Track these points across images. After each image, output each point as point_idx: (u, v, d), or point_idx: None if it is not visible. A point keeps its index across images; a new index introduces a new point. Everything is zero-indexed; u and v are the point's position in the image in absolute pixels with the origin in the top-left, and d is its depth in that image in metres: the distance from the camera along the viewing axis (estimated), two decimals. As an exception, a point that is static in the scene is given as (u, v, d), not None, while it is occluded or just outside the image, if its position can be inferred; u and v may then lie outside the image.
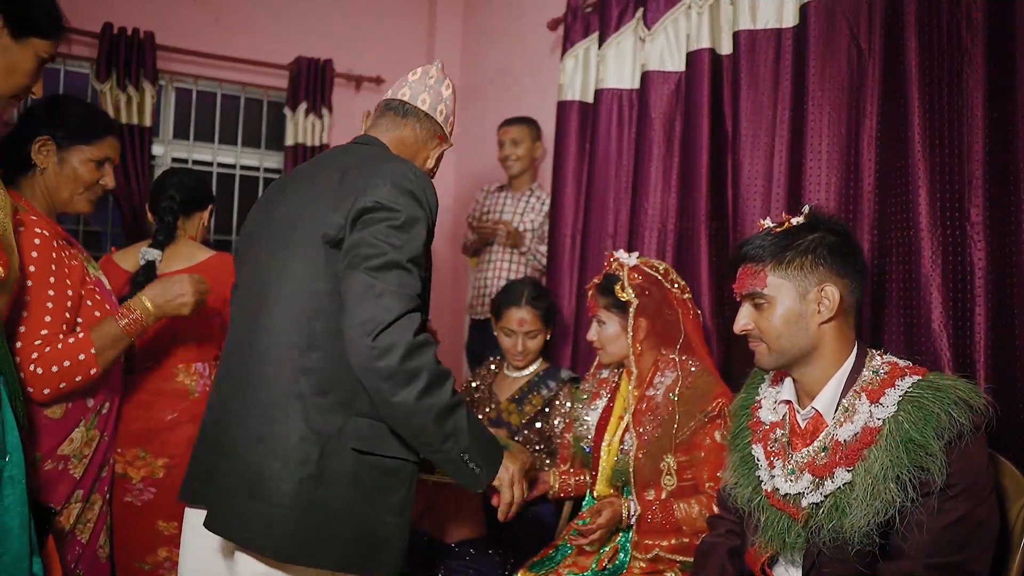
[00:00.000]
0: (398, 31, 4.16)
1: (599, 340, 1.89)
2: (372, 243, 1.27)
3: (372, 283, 1.24)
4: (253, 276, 1.43)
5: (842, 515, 1.21)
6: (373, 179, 1.33)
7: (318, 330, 1.30)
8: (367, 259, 1.25)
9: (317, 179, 1.42)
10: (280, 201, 1.47)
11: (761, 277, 1.35)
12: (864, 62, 1.84)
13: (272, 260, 1.39)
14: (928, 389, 1.21)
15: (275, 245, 1.40)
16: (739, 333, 1.40)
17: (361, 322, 1.22)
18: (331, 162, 1.46)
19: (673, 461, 1.74)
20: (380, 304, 1.23)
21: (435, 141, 1.58)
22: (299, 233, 1.36)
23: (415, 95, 1.58)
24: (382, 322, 1.22)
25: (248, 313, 1.40)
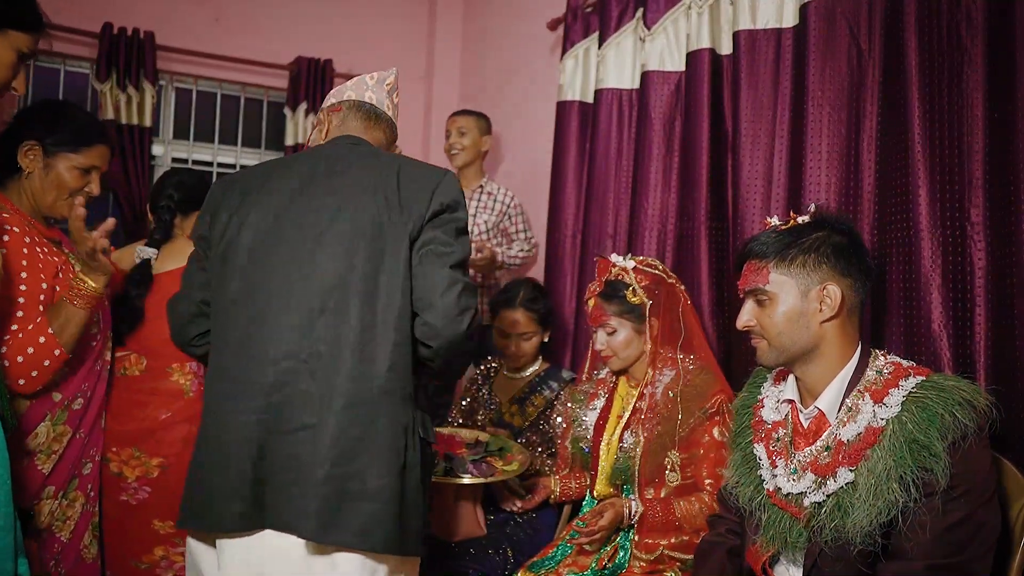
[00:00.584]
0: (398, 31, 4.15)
1: (609, 348, 1.87)
2: (446, 241, 1.39)
3: (457, 279, 1.37)
4: (299, 280, 1.38)
5: (844, 515, 1.21)
6: (436, 176, 1.44)
7: (405, 327, 1.37)
8: (446, 256, 1.38)
9: (365, 179, 1.42)
10: (308, 203, 1.42)
11: (764, 274, 1.35)
12: (864, 62, 1.84)
13: (343, 261, 1.36)
14: (932, 390, 1.21)
15: (337, 247, 1.37)
16: (741, 329, 1.40)
17: (459, 311, 1.36)
18: (362, 161, 1.47)
19: (677, 457, 1.74)
20: (467, 299, 1.38)
21: (393, 149, 1.65)
22: (379, 233, 1.37)
23: (380, 100, 1.65)
24: (471, 316, 1.39)
25: (315, 320, 1.36)
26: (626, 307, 1.85)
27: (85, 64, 3.47)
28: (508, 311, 2.33)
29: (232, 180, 1.53)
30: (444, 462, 2.03)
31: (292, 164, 1.52)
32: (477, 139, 3.25)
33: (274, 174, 1.50)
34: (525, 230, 3.31)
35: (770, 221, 1.46)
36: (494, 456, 2.09)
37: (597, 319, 1.89)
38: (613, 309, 1.86)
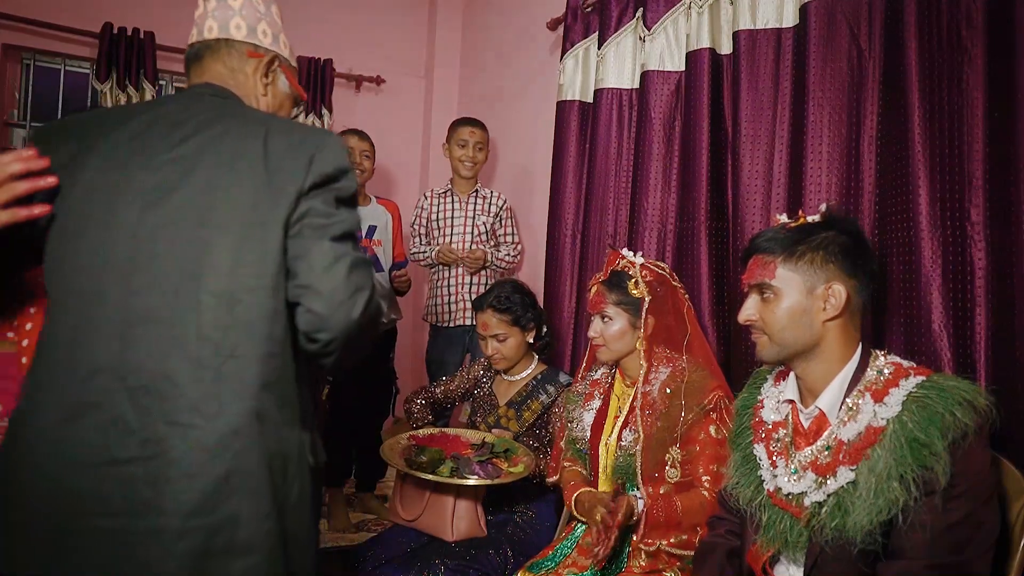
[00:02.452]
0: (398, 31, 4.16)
1: (602, 337, 1.88)
2: (325, 212, 1.13)
3: (344, 253, 1.12)
4: (136, 279, 1.09)
5: (845, 514, 1.22)
6: (314, 140, 1.16)
7: (277, 334, 1.11)
8: (326, 228, 1.12)
9: (221, 145, 1.15)
10: (135, 174, 1.13)
11: (771, 268, 1.35)
12: (864, 62, 1.84)
13: (182, 253, 1.09)
14: (932, 389, 1.21)
15: (177, 229, 1.10)
16: (743, 323, 1.40)
17: (349, 292, 1.11)
18: (218, 122, 1.17)
19: (677, 453, 1.75)
20: (358, 277, 1.13)
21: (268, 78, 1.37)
22: (237, 216, 1.10)
23: (252, 26, 1.34)
24: (365, 298, 1.13)
25: (135, 327, 1.08)
26: (625, 298, 1.86)
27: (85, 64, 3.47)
28: (479, 313, 2.36)
29: (64, 127, 1.22)
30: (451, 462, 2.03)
31: (127, 120, 1.20)
32: (487, 152, 3.32)
33: (108, 129, 1.19)
34: (513, 234, 3.33)
35: (779, 218, 1.46)
36: (500, 458, 2.09)
37: (596, 305, 1.90)
38: (612, 298, 1.87)
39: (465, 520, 2.07)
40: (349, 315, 1.10)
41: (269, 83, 1.34)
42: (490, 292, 2.40)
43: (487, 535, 2.09)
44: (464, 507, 2.07)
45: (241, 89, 1.31)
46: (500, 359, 2.34)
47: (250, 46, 1.32)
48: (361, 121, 3.94)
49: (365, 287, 1.13)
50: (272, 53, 1.34)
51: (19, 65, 3.45)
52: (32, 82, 3.47)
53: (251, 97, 1.32)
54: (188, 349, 1.07)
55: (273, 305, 1.11)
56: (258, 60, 1.32)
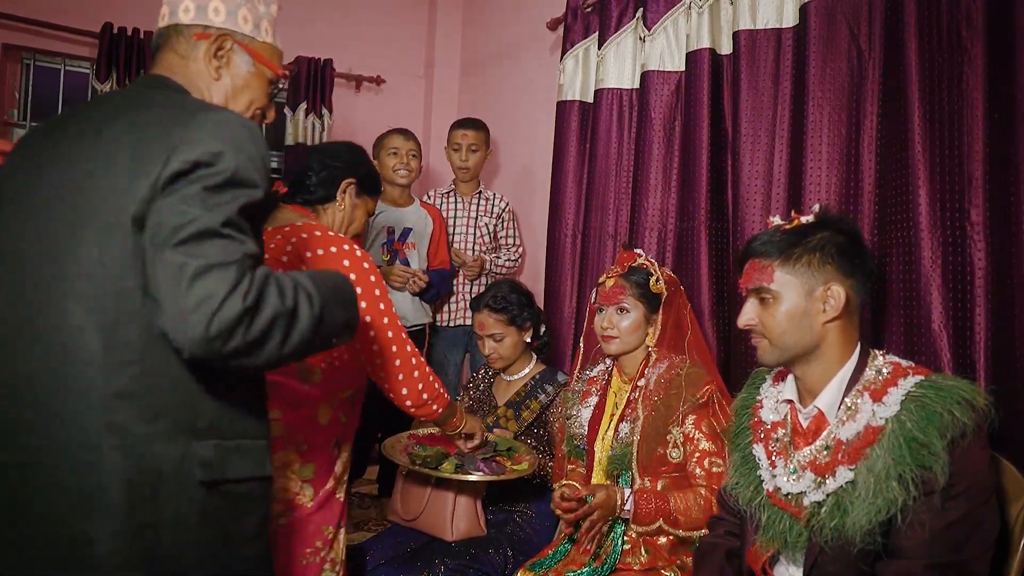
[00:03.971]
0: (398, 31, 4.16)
1: (616, 328, 1.88)
2: (174, 211, 0.99)
3: (185, 261, 0.96)
4: (10, 285, 1.06)
5: (844, 514, 1.22)
6: (188, 132, 1.04)
7: (132, 340, 1.01)
8: (174, 232, 0.98)
9: (99, 138, 1.08)
10: (39, 170, 1.10)
11: (768, 272, 1.35)
12: (864, 62, 1.84)
13: (43, 253, 1.05)
14: (931, 389, 1.21)
15: (44, 232, 1.05)
16: (742, 328, 1.40)
17: (192, 306, 0.95)
18: (114, 113, 1.11)
19: (679, 433, 1.76)
20: (202, 286, 0.96)
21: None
22: (87, 213, 1.03)
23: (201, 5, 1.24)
24: (211, 309, 0.95)
25: (7, 328, 1.05)
26: (645, 292, 1.88)
27: (85, 64, 3.47)
28: (476, 313, 2.38)
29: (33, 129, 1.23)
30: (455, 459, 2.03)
31: (60, 120, 1.18)
32: (484, 153, 3.29)
33: (39, 131, 1.19)
34: (515, 237, 3.31)
35: (773, 221, 1.45)
36: (503, 456, 2.10)
37: (613, 296, 1.90)
38: (633, 290, 1.88)
39: (465, 520, 2.07)
40: (194, 331, 0.95)
41: (222, 65, 1.23)
42: (487, 292, 2.41)
43: (487, 535, 2.09)
44: (464, 507, 2.07)
45: (189, 77, 1.21)
46: (497, 359, 2.34)
47: (198, 28, 1.21)
48: (361, 121, 3.93)
49: (213, 296, 0.95)
50: (220, 31, 1.22)
51: (19, 65, 3.45)
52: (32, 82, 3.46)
53: (201, 84, 1.22)
54: (47, 358, 1.02)
55: (125, 309, 1.01)
56: (206, 41, 1.21)
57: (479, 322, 2.35)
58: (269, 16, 1.31)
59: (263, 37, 1.29)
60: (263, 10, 1.30)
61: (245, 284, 0.99)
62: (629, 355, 1.92)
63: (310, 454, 1.63)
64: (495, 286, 2.44)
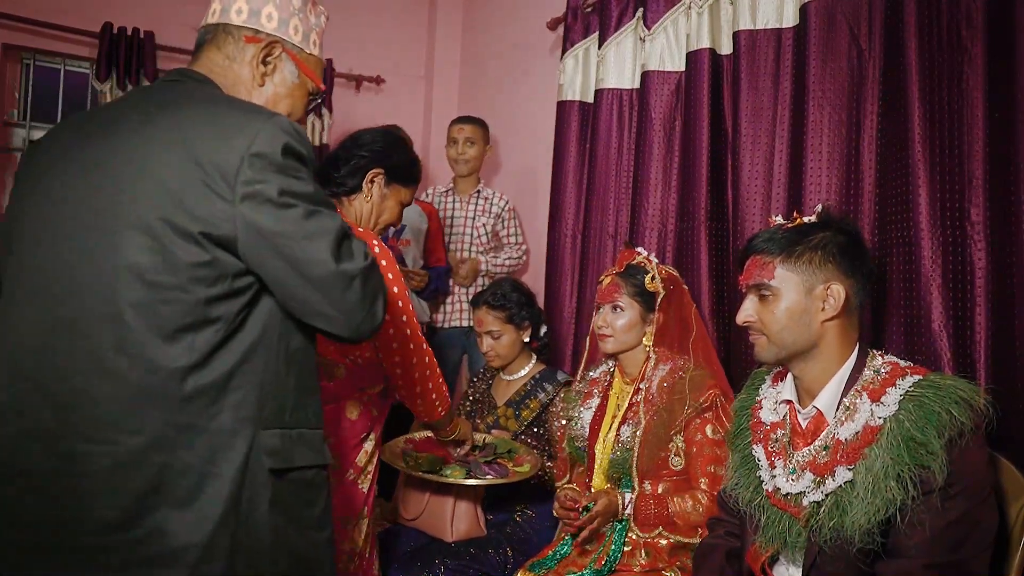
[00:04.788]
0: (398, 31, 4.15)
1: (611, 327, 1.89)
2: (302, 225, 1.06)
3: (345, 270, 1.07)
4: (56, 286, 1.05)
5: (843, 514, 1.22)
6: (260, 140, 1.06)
7: (204, 344, 1.04)
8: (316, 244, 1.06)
9: (153, 136, 1.07)
10: (90, 165, 1.08)
11: (769, 269, 1.35)
12: (864, 62, 1.84)
13: (98, 255, 1.04)
14: (929, 388, 1.21)
15: (101, 244, 1.04)
16: (741, 324, 1.40)
17: (364, 312, 1.10)
18: (165, 110, 1.10)
19: (681, 441, 1.75)
20: (370, 287, 1.11)
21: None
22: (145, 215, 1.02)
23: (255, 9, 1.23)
24: (382, 302, 1.14)
25: (58, 335, 1.04)
26: (641, 291, 1.88)
27: (85, 64, 3.47)
28: (475, 310, 2.40)
29: (52, 130, 1.21)
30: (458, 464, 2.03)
31: (85, 120, 1.17)
32: (482, 149, 3.27)
33: (65, 129, 1.17)
34: (516, 235, 3.30)
35: (774, 219, 1.46)
36: (504, 458, 2.10)
37: (608, 295, 1.90)
38: (628, 289, 1.89)
39: (465, 521, 2.07)
40: (371, 324, 1.12)
41: (268, 72, 1.22)
42: (487, 289, 2.42)
43: (487, 535, 2.09)
44: (464, 508, 2.07)
45: (231, 79, 1.20)
46: (494, 356, 2.34)
47: (249, 31, 1.20)
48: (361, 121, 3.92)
49: (378, 291, 1.13)
50: (271, 38, 1.21)
51: (19, 65, 3.45)
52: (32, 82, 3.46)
53: (242, 88, 1.21)
54: (105, 363, 1.01)
55: (189, 315, 1.03)
56: (256, 45, 1.20)
57: (477, 318, 2.36)
58: (318, 28, 1.31)
59: (311, 49, 1.29)
60: (313, 22, 1.30)
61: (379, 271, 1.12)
62: (629, 355, 1.91)
63: (336, 447, 1.65)
64: (496, 283, 2.44)
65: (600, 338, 1.92)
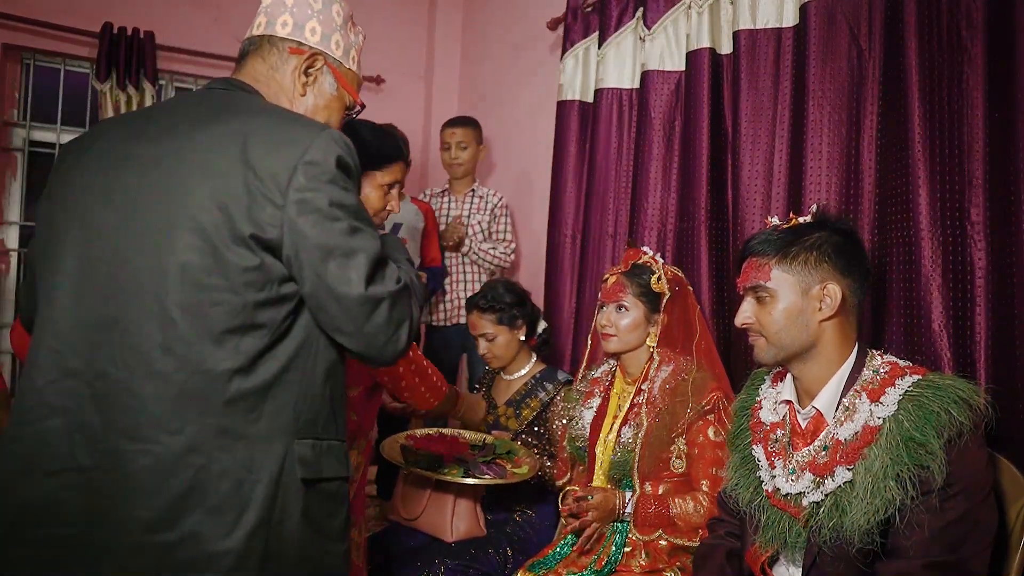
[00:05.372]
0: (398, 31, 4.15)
1: (615, 326, 1.88)
2: (343, 241, 1.09)
3: (376, 294, 1.10)
4: (106, 284, 1.07)
5: (842, 514, 1.22)
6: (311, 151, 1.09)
7: (249, 349, 1.06)
8: (351, 266, 1.09)
9: (197, 142, 1.09)
10: (134, 171, 1.10)
11: (765, 270, 1.36)
12: (864, 62, 1.84)
13: (145, 258, 1.06)
14: (928, 388, 1.21)
15: (145, 235, 1.06)
16: (739, 326, 1.41)
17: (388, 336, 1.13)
18: (212, 117, 1.13)
19: (683, 444, 1.75)
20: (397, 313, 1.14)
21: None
22: (185, 220, 1.04)
23: (300, 23, 1.28)
24: (408, 329, 1.16)
25: (104, 333, 1.06)
26: (646, 291, 1.87)
27: (85, 64, 3.47)
28: (468, 314, 2.41)
29: (90, 131, 1.24)
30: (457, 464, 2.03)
31: (131, 120, 1.21)
32: (475, 150, 3.29)
33: (109, 129, 1.20)
34: (506, 232, 3.29)
35: (771, 220, 1.46)
36: (503, 459, 2.10)
37: (613, 294, 1.90)
38: (633, 288, 1.88)
39: (465, 521, 2.07)
40: (395, 348, 1.14)
41: (309, 82, 1.26)
42: (479, 292, 2.41)
43: (487, 535, 2.09)
44: (464, 507, 2.07)
45: (273, 88, 1.25)
46: (492, 358, 2.35)
47: (293, 43, 1.25)
48: (361, 121, 3.92)
49: (404, 319, 1.15)
50: (314, 51, 1.26)
51: (19, 65, 3.45)
52: (32, 82, 3.46)
53: (284, 97, 1.25)
54: (151, 362, 1.03)
55: (233, 320, 1.04)
56: (299, 57, 1.25)
57: (471, 322, 2.36)
58: (357, 45, 1.37)
59: (350, 64, 1.34)
60: (353, 39, 1.35)
61: (411, 299, 1.15)
62: (631, 355, 1.91)
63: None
64: (488, 285, 2.44)
65: (603, 337, 1.92)
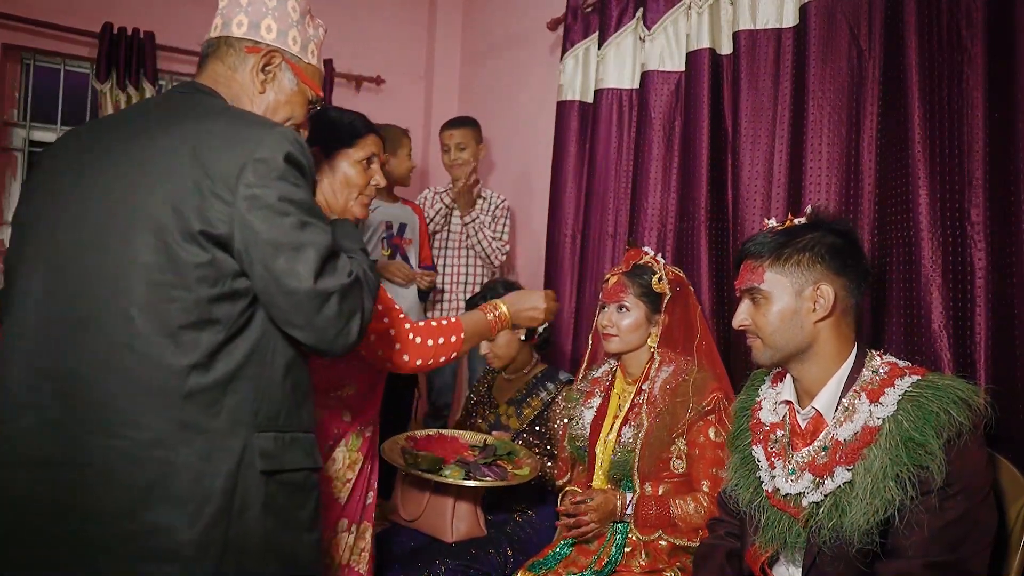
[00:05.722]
0: (398, 31, 4.15)
1: (615, 327, 1.88)
2: (292, 236, 1.10)
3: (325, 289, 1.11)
4: (71, 284, 1.11)
5: (842, 514, 1.22)
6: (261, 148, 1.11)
7: (206, 344, 1.09)
8: (298, 261, 1.11)
9: (155, 145, 1.13)
10: (93, 174, 1.15)
11: (759, 273, 1.36)
12: (864, 62, 1.84)
13: (103, 258, 1.10)
14: (927, 388, 1.21)
15: (102, 236, 1.11)
16: (737, 328, 1.41)
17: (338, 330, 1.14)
18: (168, 120, 1.17)
19: (684, 445, 1.75)
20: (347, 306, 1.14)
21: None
22: (145, 221, 1.08)
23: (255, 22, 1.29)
24: (359, 322, 1.17)
25: (71, 332, 1.10)
26: (647, 291, 1.87)
27: (85, 64, 3.47)
28: None
29: (62, 138, 1.27)
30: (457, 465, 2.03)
31: (100, 125, 1.26)
32: (475, 150, 3.26)
33: (81, 134, 1.24)
34: (503, 233, 3.28)
35: (767, 222, 1.47)
36: (503, 460, 2.10)
37: (614, 294, 1.89)
38: (634, 289, 1.88)
39: (465, 521, 2.07)
40: (346, 341, 1.15)
41: (268, 79, 1.28)
42: (479, 292, 2.41)
43: (487, 535, 2.09)
44: (464, 508, 2.07)
45: (233, 88, 1.27)
46: (493, 358, 2.34)
47: (249, 42, 1.27)
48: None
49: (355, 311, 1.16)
50: (270, 48, 1.28)
51: (19, 65, 3.45)
52: (32, 82, 3.46)
53: (244, 96, 1.28)
54: (115, 360, 1.07)
55: (190, 315, 1.08)
56: (256, 55, 1.27)
57: None
58: (316, 39, 1.37)
59: (309, 59, 1.35)
60: (311, 33, 1.36)
61: (364, 291, 1.17)
62: (632, 355, 1.91)
63: None
64: (488, 286, 2.44)
65: (604, 338, 1.92)
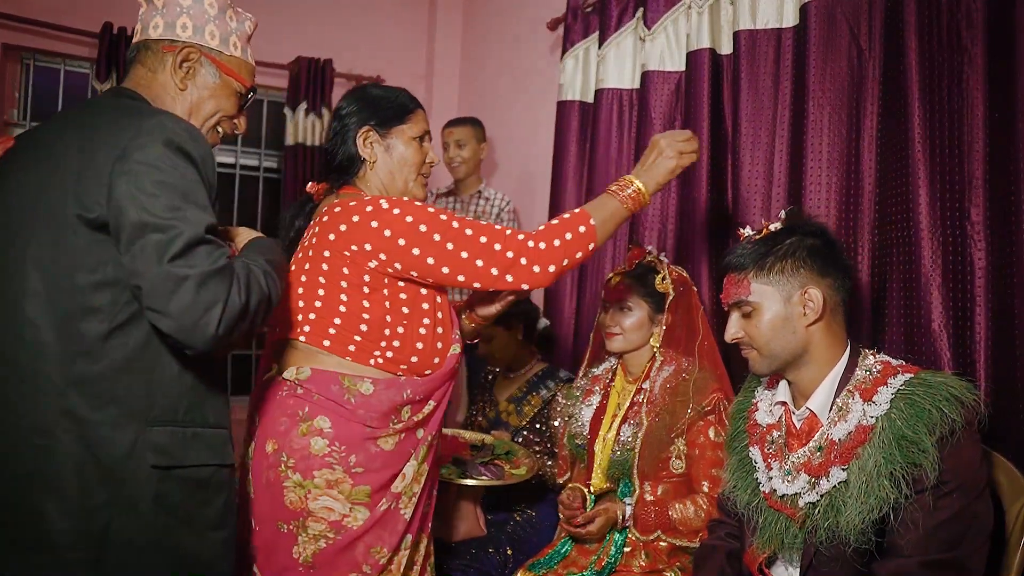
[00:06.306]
0: (398, 31, 4.16)
1: (619, 327, 1.88)
2: (160, 218, 1.07)
3: (186, 273, 1.06)
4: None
5: (838, 514, 1.22)
6: (138, 136, 1.12)
7: (86, 332, 1.10)
8: (163, 246, 1.06)
9: (55, 144, 1.18)
10: (7, 173, 1.21)
11: (744, 285, 1.36)
12: (864, 62, 1.84)
13: (8, 252, 1.14)
14: (920, 386, 1.21)
15: (17, 238, 1.14)
16: (730, 342, 1.41)
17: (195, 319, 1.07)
18: (73, 122, 1.22)
19: (683, 445, 1.75)
20: (206, 294, 1.07)
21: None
22: (39, 213, 1.13)
23: (170, 23, 1.31)
24: (219, 313, 1.08)
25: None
26: (650, 291, 1.87)
27: (85, 64, 3.47)
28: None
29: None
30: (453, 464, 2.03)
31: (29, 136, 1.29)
32: (475, 148, 3.25)
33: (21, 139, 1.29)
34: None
35: (743, 232, 1.47)
36: (501, 459, 2.10)
37: (617, 294, 1.90)
38: (638, 289, 1.88)
39: (465, 521, 2.07)
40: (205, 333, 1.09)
41: (187, 76, 1.30)
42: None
43: (487, 535, 2.09)
44: (464, 508, 2.07)
45: (155, 89, 1.29)
46: (490, 356, 2.35)
47: (166, 42, 1.29)
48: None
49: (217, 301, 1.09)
50: (186, 44, 1.29)
51: (19, 65, 3.45)
52: (32, 82, 3.46)
53: (167, 96, 1.29)
54: (8, 348, 1.11)
55: (79, 304, 1.10)
56: (172, 53, 1.29)
57: None
58: (240, 32, 1.37)
59: (231, 51, 1.35)
60: (234, 26, 1.36)
61: (236, 284, 1.11)
62: (634, 354, 1.91)
63: (365, 476, 1.42)
64: None
65: (607, 337, 1.92)
